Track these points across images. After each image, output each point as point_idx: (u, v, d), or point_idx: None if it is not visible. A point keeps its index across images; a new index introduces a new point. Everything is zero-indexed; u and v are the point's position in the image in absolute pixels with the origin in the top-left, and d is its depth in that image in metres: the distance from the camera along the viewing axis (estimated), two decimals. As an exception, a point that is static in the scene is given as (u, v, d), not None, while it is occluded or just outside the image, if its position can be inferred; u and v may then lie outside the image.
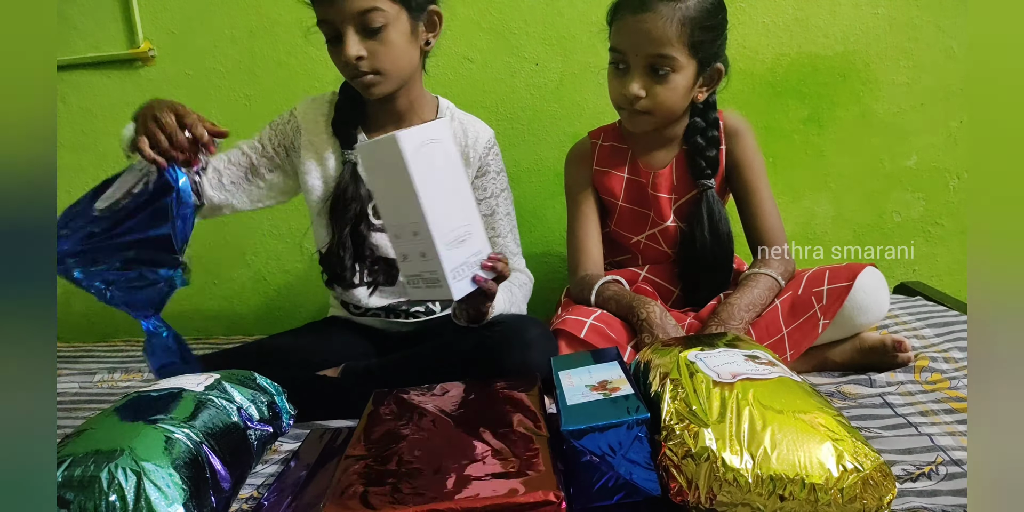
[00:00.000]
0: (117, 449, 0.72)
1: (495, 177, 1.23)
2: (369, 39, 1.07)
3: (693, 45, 1.12)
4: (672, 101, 1.16)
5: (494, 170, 1.24)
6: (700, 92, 1.20)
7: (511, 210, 1.27)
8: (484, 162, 1.22)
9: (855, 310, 1.11)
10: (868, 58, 1.61)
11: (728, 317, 1.11)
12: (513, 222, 1.27)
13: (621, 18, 1.15)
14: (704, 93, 1.21)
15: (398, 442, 0.80)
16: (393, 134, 0.83)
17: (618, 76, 1.18)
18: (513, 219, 1.28)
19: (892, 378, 1.06)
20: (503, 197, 1.25)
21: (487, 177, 1.23)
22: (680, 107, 1.19)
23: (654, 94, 1.15)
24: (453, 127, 1.22)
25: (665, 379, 0.80)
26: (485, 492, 0.67)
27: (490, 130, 1.25)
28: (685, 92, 1.17)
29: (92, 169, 1.74)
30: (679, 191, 1.27)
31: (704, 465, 0.67)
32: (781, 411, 0.71)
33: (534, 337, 1.07)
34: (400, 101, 1.18)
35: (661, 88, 1.14)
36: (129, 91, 1.70)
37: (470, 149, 1.20)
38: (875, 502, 0.65)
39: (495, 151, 1.24)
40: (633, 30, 1.12)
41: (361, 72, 1.08)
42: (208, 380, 0.91)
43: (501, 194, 1.24)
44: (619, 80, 1.17)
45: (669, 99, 1.16)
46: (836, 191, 1.66)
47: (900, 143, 1.64)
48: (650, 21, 1.10)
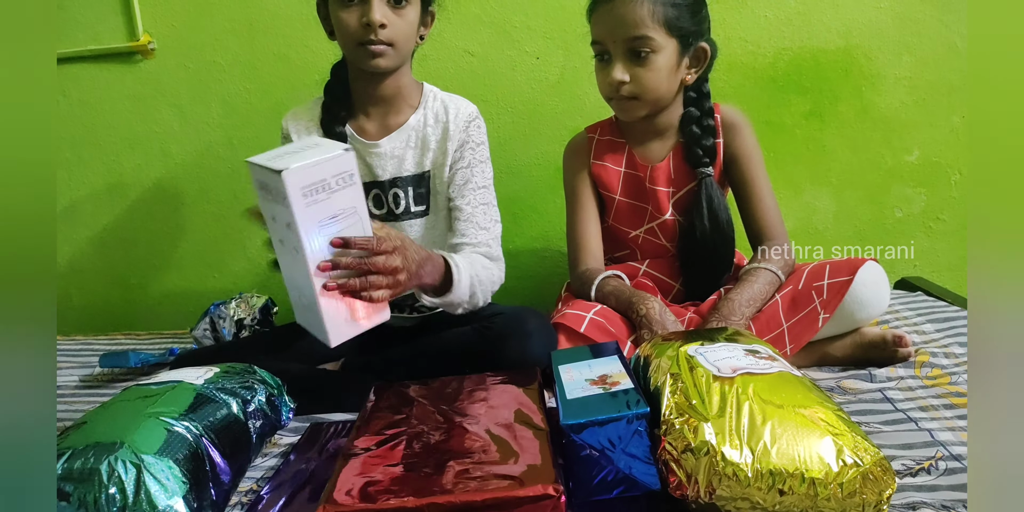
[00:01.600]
0: (116, 442, 0.72)
1: (474, 148, 1.21)
2: (394, 8, 1.09)
3: (668, 24, 1.13)
4: (656, 83, 1.17)
5: (474, 141, 1.21)
6: (688, 74, 1.21)
7: (488, 185, 1.22)
8: (466, 134, 1.20)
9: (855, 305, 1.11)
10: (870, 52, 1.60)
11: (729, 312, 1.11)
12: (487, 198, 1.21)
13: (596, 10, 1.19)
14: (692, 75, 1.21)
15: (398, 436, 0.80)
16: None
17: (603, 68, 1.20)
18: (489, 195, 1.22)
19: (892, 373, 1.06)
20: (479, 169, 1.21)
21: (466, 146, 1.20)
22: (667, 90, 1.19)
23: (638, 77, 1.16)
24: (435, 107, 1.21)
25: (665, 373, 0.80)
26: (485, 486, 0.67)
27: (473, 106, 1.24)
28: (669, 73, 1.17)
29: (92, 162, 1.74)
30: (677, 184, 1.27)
31: (704, 459, 0.67)
32: (781, 406, 0.71)
33: (534, 328, 1.07)
34: (388, 87, 1.18)
35: (643, 71, 1.16)
36: (129, 84, 1.69)
37: (451, 124, 1.19)
38: (875, 497, 0.65)
39: (477, 124, 1.22)
40: (608, 18, 1.16)
41: (376, 39, 1.09)
42: (208, 373, 0.91)
43: (478, 165, 1.21)
44: (604, 71, 1.19)
45: (653, 81, 1.16)
46: (837, 186, 1.66)
47: (902, 138, 1.63)
48: (622, 5, 1.14)
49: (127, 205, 1.76)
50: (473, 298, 1.09)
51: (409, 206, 1.21)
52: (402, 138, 1.20)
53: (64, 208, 1.75)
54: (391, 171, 1.20)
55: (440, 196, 1.21)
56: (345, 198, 0.81)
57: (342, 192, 0.80)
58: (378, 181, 1.20)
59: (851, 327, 1.14)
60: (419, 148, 1.20)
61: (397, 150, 1.20)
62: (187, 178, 1.74)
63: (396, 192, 1.20)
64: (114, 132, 1.73)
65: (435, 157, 1.20)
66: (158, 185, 1.75)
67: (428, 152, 1.20)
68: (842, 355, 1.15)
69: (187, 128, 1.71)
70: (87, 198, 1.76)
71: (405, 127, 1.20)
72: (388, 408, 0.89)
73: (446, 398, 0.90)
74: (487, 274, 1.12)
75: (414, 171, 1.20)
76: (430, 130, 1.20)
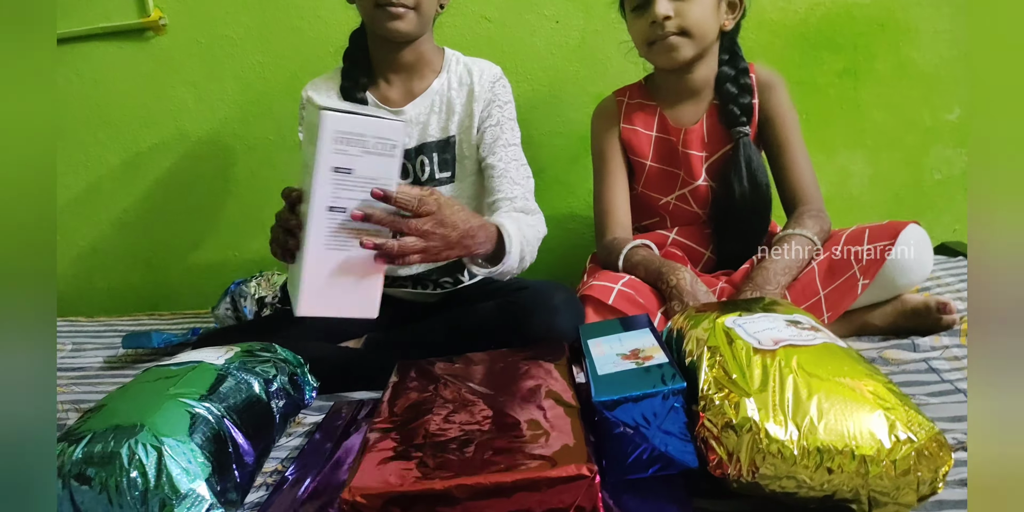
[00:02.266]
0: (137, 424, 0.70)
1: (501, 106, 1.18)
2: None
3: None
4: (702, 17, 1.13)
5: (501, 100, 1.18)
6: (727, 20, 1.18)
7: (517, 143, 1.19)
8: (492, 93, 1.18)
9: (897, 270, 1.06)
10: (907, 5, 1.52)
11: (764, 281, 1.06)
12: (518, 155, 1.18)
13: None
14: (730, 21, 1.18)
15: (424, 414, 0.77)
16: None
17: (640, 15, 1.16)
18: (519, 152, 1.19)
19: (937, 342, 1.01)
20: (508, 126, 1.18)
21: (493, 105, 1.17)
22: (711, 28, 1.16)
23: (682, 11, 1.13)
24: (459, 70, 1.18)
25: (702, 346, 0.76)
26: (515, 466, 0.64)
27: (497, 67, 1.21)
28: (712, 9, 1.15)
29: (109, 143, 1.72)
30: (711, 148, 1.22)
31: (746, 436, 0.64)
32: (827, 379, 0.67)
33: (560, 302, 1.04)
34: (409, 54, 1.15)
35: (687, 4, 1.12)
36: (141, 61, 1.66)
37: (476, 85, 1.17)
38: (930, 474, 0.61)
39: (502, 83, 1.20)
40: None
41: (397, 2, 1.05)
42: (228, 353, 0.89)
43: (507, 123, 1.18)
44: (643, 17, 1.15)
45: (699, 13, 1.13)
46: (873, 148, 1.59)
47: (941, 96, 1.56)
48: None
49: (145, 185, 1.74)
50: (523, 262, 1.04)
51: (434, 173, 1.18)
52: (426, 103, 1.17)
53: (83, 189, 1.74)
54: (416, 138, 1.18)
55: (468, 161, 1.18)
56: (378, 165, 0.79)
57: (377, 157, 0.79)
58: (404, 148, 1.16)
59: (892, 294, 1.10)
60: (444, 112, 1.18)
61: (421, 116, 1.17)
62: (204, 156, 1.71)
63: (422, 159, 1.17)
64: (129, 111, 1.70)
65: (461, 120, 1.17)
66: (175, 164, 1.73)
67: (453, 116, 1.17)
68: (883, 323, 1.10)
69: (202, 105, 1.68)
70: (105, 179, 1.74)
71: (428, 92, 1.17)
72: (413, 386, 0.87)
73: (472, 375, 0.87)
74: (532, 232, 1.07)
75: (439, 136, 1.18)
76: (454, 93, 1.17)
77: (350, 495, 0.63)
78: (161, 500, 0.65)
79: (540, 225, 1.13)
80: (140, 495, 0.65)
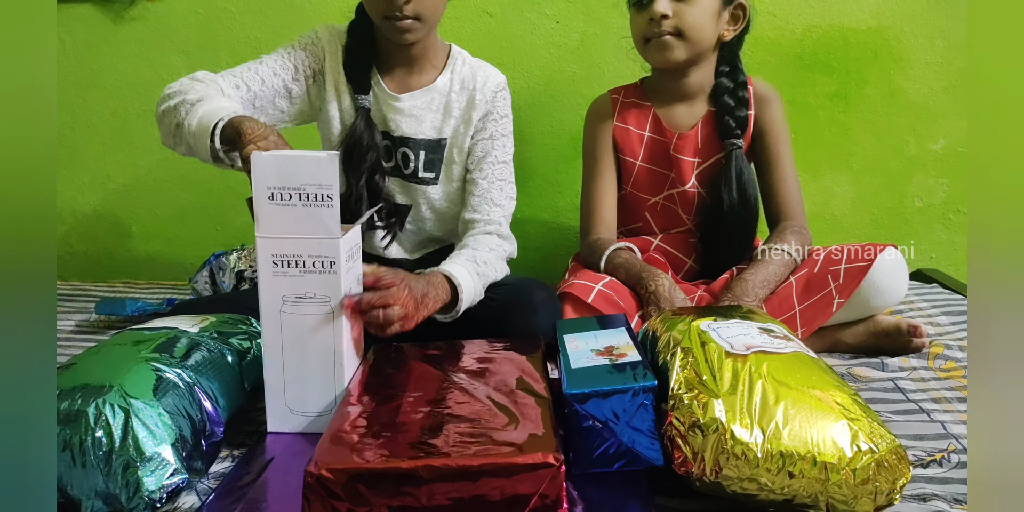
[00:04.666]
0: (106, 385, 0.69)
1: (498, 120, 1.17)
2: None
3: None
4: (700, 20, 1.14)
5: (499, 113, 1.18)
6: (727, 30, 1.19)
7: (508, 160, 1.18)
8: (491, 105, 1.17)
9: (872, 291, 1.08)
10: (902, 35, 1.55)
11: (742, 292, 1.08)
12: (505, 174, 1.17)
13: None
14: (730, 32, 1.19)
15: (395, 397, 0.77)
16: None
17: (640, 11, 1.17)
18: (507, 170, 1.18)
19: (905, 363, 1.03)
20: (501, 142, 1.17)
21: (489, 118, 1.16)
22: (708, 34, 1.16)
23: (681, 13, 1.13)
24: (463, 72, 1.17)
25: (675, 347, 0.77)
26: (483, 451, 0.64)
27: (502, 75, 1.20)
28: (712, 15, 1.15)
29: (97, 106, 1.70)
30: (703, 155, 1.23)
31: (712, 437, 0.65)
32: (795, 387, 0.68)
33: (540, 301, 1.04)
34: (411, 49, 1.13)
35: (687, 6, 1.13)
36: (137, 27, 1.65)
37: (477, 92, 1.16)
38: (888, 485, 0.62)
39: (503, 95, 1.19)
40: None
41: (403, 15, 1.03)
42: (204, 322, 0.88)
43: (500, 138, 1.17)
44: (642, 14, 1.16)
45: (696, 17, 1.13)
46: (857, 172, 1.62)
47: (927, 125, 1.59)
48: None
49: (132, 152, 1.72)
50: (477, 298, 1.05)
51: (418, 170, 1.17)
52: (424, 99, 1.15)
53: (67, 151, 1.72)
54: (404, 129, 1.15)
55: (455, 167, 1.17)
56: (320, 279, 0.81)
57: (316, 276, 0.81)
58: (390, 134, 1.16)
59: (866, 314, 1.12)
60: (441, 113, 1.16)
61: (417, 110, 1.15)
62: (193, 128, 1.69)
63: (405, 152, 1.16)
64: (120, 77, 1.68)
65: (456, 125, 1.16)
66: (163, 133, 1.71)
67: (450, 119, 1.16)
68: (854, 342, 1.12)
69: (195, 76, 1.66)
70: (91, 142, 1.72)
71: (430, 88, 1.15)
72: (386, 368, 0.87)
73: (446, 361, 0.88)
74: (493, 264, 1.08)
75: (431, 136, 1.16)
76: (455, 96, 1.16)
77: (316, 469, 0.63)
78: (125, 461, 0.65)
79: (509, 247, 1.15)
80: (104, 455, 0.65)
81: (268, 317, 0.80)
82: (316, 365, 0.81)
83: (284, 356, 0.81)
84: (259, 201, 0.79)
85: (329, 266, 0.80)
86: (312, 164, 0.78)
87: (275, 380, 0.81)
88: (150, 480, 0.66)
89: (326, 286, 0.80)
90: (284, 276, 0.79)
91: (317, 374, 0.82)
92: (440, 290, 0.96)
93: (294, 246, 0.79)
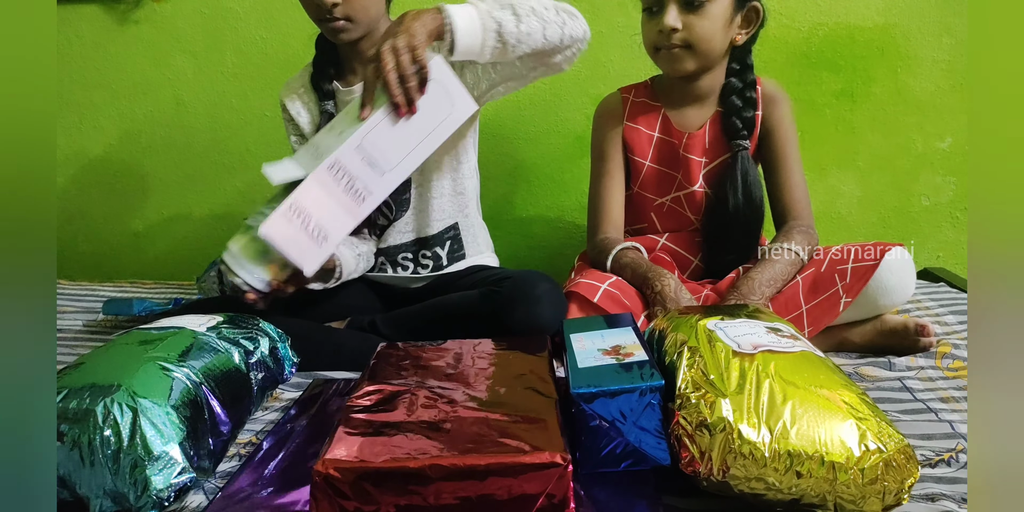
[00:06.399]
0: (114, 384, 0.70)
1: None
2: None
3: None
4: (710, 33, 1.13)
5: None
6: (739, 34, 1.17)
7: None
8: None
9: (879, 290, 1.08)
10: (909, 32, 1.54)
11: (748, 291, 1.08)
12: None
13: None
14: (743, 36, 1.18)
15: (402, 396, 0.77)
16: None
17: (651, 18, 1.16)
18: None
19: (912, 363, 1.03)
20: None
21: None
22: (718, 44, 1.15)
23: (691, 25, 1.12)
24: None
25: (682, 347, 0.77)
26: (489, 450, 0.64)
27: None
28: (723, 25, 1.14)
29: (104, 107, 1.70)
30: (711, 154, 1.23)
31: (719, 436, 0.65)
32: (803, 386, 0.68)
33: (542, 293, 1.04)
34: (365, 44, 1.16)
35: (697, 18, 1.12)
36: (143, 28, 1.66)
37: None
38: (896, 485, 0.62)
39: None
40: None
41: (333, 17, 1.08)
42: (211, 322, 0.89)
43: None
44: (653, 21, 1.15)
45: (707, 30, 1.12)
46: (864, 170, 1.61)
47: (935, 124, 1.58)
48: None
49: (138, 152, 1.73)
50: (513, 24, 0.98)
51: None
52: None
53: (74, 152, 1.73)
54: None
55: None
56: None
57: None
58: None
59: (873, 313, 1.11)
60: None
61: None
62: (199, 128, 1.70)
63: None
64: (127, 77, 1.69)
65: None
66: (169, 133, 1.72)
67: None
68: (861, 341, 1.12)
69: (200, 77, 1.67)
70: (98, 143, 1.73)
71: None
72: (392, 368, 0.87)
73: (453, 360, 0.88)
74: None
75: None
76: None
77: (323, 467, 0.63)
78: (133, 460, 0.65)
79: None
80: (112, 454, 0.65)
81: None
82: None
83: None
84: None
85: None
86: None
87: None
88: (158, 479, 0.66)
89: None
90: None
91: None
92: (430, 19, 0.94)
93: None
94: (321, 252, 0.93)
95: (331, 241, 0.93)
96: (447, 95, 0.96)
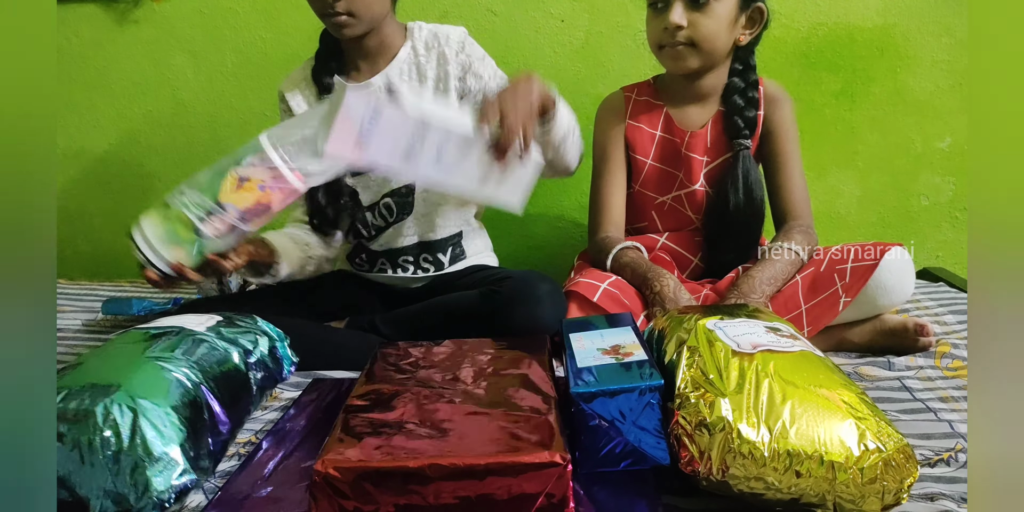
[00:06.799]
0: (113, 384, 0.70)
1: (480, 61, 1.19)
2: None
3: None
4: (715, 31, 1.13)
5: (477, 56, 1.19)
6: (743, 34, 1.17)
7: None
8: (466, 55, 1.18)
9: (879, 290, 1.08)
10: (908, 32, 1.54)
11: (748, 290, 1.08)
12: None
13: None
14: (747, 36, 1.18)
15: (400, 396, 0.78)
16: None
17: (656, 15, 1.16)
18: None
19: (912, 362, 1.03)
20: (497, 78, 1.19)
21: (472, 66, 1.18)
22: (722, 43, 1.15)
23: (696, 23, 1.12)
24: (423, 36, 1.19)
25: (682, 346, 0.77)
26: (488, 450, 0.64)
27: (461, 28, 1.21)
28: (728, 24, 1.14)
29: (103, 106, 1.70)
30: (713, 154, 1.23)
31: (718, 436, 0.65)
32: (802, 386, 0.68)
33: (543, 293, 1.04)
34: (370, 41, 1.17)
35: (702, 16, 1.12)
36: (143, 28, 1.65)
37: (444, 47, 1.18)
38: (895, 484, 0.62)
39: (470, 42, 1.20)
40: None
41: (336, 12, 1.07)
42: (210, 321, 0.89)
43: (495, 75, 1.19)
44: (658, 18, 1.15)
45: (711, 28, 1.12)
46: (863, 170, 1.61)
47: (934, 124, 1.58)
48: None
49: (138, 152, 1.73)
50: (570, 138, 1.06)
51: None
52: (394, 72, 1.18)
53: (73, 151, 1.72)
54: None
55: None
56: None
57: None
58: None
59: (872, 313, 1.11)
60: (415, 80, 1.19)
61: (392, 85, 1.17)
62: (199, 128, 1.70)
63: None
64: (126, 77, 1.69)
65: (434, 86, 1.18)
66: (169, 133, 1.71)
67: (426, 81, 1.18)
68: (860, 341, 1.12)
69: (200, 76, 1.67)
70: (97, 142, 1.72)
71: (395, 61, 1.18)
72: (392, 367, 0.87)
73: (452, 360, 0.88)
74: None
75: None
76: (423, 59, 1.18)
77: (323, 467, 0.63)
78: (134, 461, 0.65)
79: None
80: (112, 455, 0.65)
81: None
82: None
83: None
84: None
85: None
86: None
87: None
88: (159, 480, 0.66)
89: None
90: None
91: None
92: (535, 81, 0.95)
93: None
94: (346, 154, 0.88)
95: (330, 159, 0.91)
96: (518, 178, 0.95)
